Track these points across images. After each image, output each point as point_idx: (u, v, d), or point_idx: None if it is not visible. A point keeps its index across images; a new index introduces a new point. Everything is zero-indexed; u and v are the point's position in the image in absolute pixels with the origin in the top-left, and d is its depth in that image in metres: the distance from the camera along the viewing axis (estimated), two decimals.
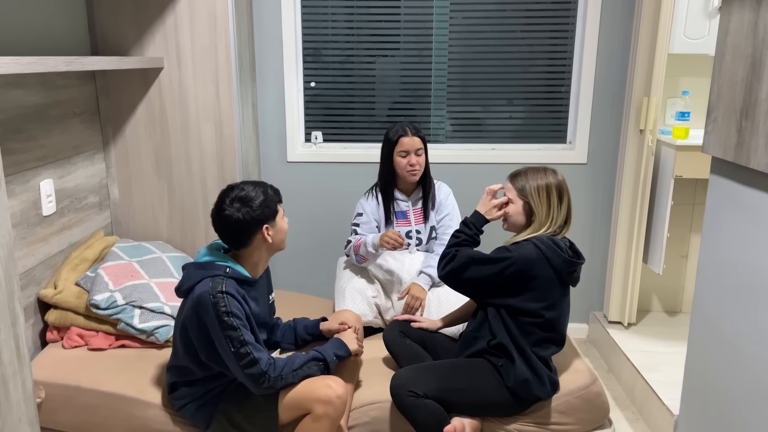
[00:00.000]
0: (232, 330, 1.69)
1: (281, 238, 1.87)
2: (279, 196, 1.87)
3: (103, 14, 2.50)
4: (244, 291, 1.79)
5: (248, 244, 1.82)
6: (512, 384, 1.88)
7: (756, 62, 1.36)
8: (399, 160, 2.45)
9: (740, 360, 1.47)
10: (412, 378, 1.87)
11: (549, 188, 1.94)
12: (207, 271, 1.76)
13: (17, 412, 1.45)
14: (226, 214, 1.76)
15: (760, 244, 1.39)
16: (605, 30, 2.93)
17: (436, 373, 1.91)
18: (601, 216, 3.15)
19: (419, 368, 1.94)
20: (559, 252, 1.86)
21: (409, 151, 2.43)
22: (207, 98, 2.56)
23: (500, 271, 1.86)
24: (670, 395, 2.36)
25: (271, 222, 1.82)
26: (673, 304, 3.26)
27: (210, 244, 1.88)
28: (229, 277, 1.76)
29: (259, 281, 1.90)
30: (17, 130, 2.04)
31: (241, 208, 1.76)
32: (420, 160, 2.46)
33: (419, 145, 2.44)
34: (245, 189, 1.79)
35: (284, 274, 3.23)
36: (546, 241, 1.88)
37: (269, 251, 1.88)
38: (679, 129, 2.72)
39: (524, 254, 1.85)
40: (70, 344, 2.18)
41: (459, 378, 1.91)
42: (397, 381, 1.88)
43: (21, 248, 2.08)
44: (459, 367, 1.95)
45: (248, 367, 1.71)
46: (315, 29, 3.02)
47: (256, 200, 1.78)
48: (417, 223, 2.55)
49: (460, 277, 1.94)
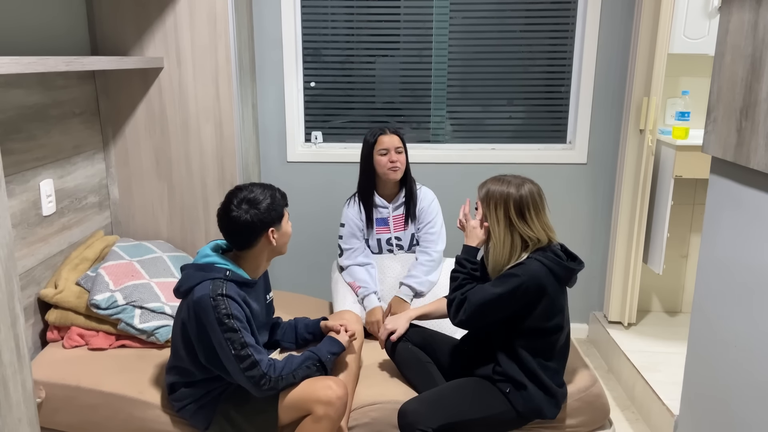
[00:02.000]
0: (232, 332, 1.69)
1: (285, 242, 1.87)
2: (286, 200, 1.88)
3: (103, 14, 2.50)
4: (244, 293, 1.79)
5: (252, 246, 1.82)
6: (523, 410, 1.84)
7: (756, 62, 1.36)
8: (379, 159, 2.44)
9: (740, 360, 1.47)
10: (420, 414, 1.80)
11: (507, 202, 1.80)
12: (207, 273, 1.76)
13: (17, 412, 1.45)
14: (234, 215, 1.76)
15: (760, 243, 1.38)
16: (605, 30, 2.93)
17: (443, 406, 1.84)
18: (601, 216, 3.15)
19: (426, 400, 1.87)
20: (560, 261, 1.82)
21: (388, 149, 2.42)
22: (207, 98, 2.56)
23: (516, 298, 1.78)
24: (670, 395, 2.36)
25: (277, 225, 1.82)
26: (673, 304, 3.26)
27: (210, 244, 1.88)
28: (230, 280, 1.76)
29: (258, 282, 1.90)
30: (17, 130, 2.04)
31: (249, 209, 1.76)
32: (401, 157, 2.44)
33: (398, 143, 2.43)
34: (254, 191, 1.79)
35: (283, 274, 3.23)
36: (545, 253, 1.82)
37: (271, 254, 1.88)
38: (679, 129, 2.72)
39: (533, 273, 1.77)
40: (70, 344, 2.18)
41: (468, 407, 1.84)
42: (404, 419, 1.82)
43: (21, 248, 2.08)
44: (466, 395, 1.88)
45: (249, 369, 1.71)
46: (315, 29, 3.02)
47: (263, 203, 1.78)
48: (397, 230, 2.53)
49: (479, 325, 1.88)
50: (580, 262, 1.88)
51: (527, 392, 1.84)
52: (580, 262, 1.87)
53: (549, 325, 1.83)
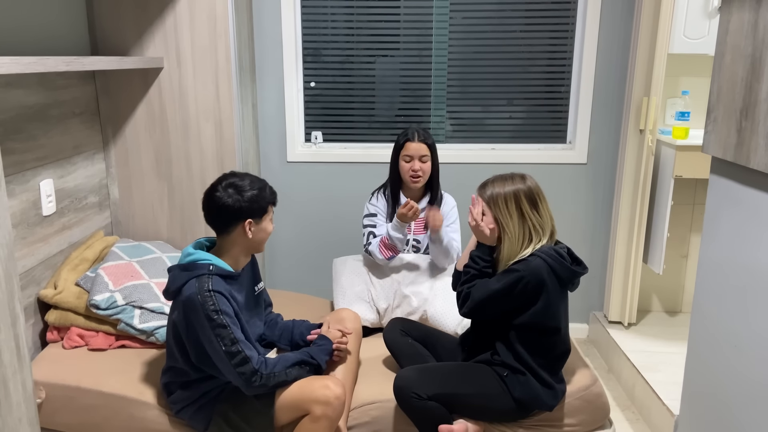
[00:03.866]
0: (221, 328, 1.69)
1: (262, 239, 1.87)
2: (274, 198, 1.88)
3: (103, 14, 2.50)
4: (229, 286, 1.79)
5: (228, 232, 1.82)
6: (520, 396, 1.87)
7: (756, 62, 1.36)
8: (403, 164, 2.44)
9: (740, 360, 1.47)
10: (416, 379, 1.86)
11: (517, 196, 1.85)
12: (191, 272, 1.76)
13: (17, 412, 1.44)
14: (216, 195, 1.79)
15: (760, 243, 1.38)
16: (605, 30, 2.93)
17: (440, 376, 1.90)
18: (601, 216, 3.15)
19: (423, 369, 1.92)
20: (563, 262, 1.83)
21: (413, 156, 2.41)
22: (207, 98, 2.56)
23: (515, 293, 1.82)
24: (670, 395, 2.36)
25: (256, 219, 1.82)
26: (673, 304, 3.26)
27: (193, 243, 1.88)
28: (214, 274, 1.76)
29: (241, 273, 1.90)
30: (17, 130, 2.04)
31: (233, 194, 1.78)
32: (424, 167, 2.42)
33: (424, 151, 2.41)
34: (244, 180, 1.81)
35: (283, 273, 3.23)
36: (549, 251, 1.83)
37: (247, 247, 1.87)
38: (679, 129, 2.72)
39: (534, 269, 1.80)
40: (70, 344, 2.18)
41: (463, 382, 1.89)
42: (400, 382, 1.87)
43: (21, 248, 2.08)
44: (463, 372, 1.94)
45: (240, 365, 1.70)
46: (315, 29, 3.02)
47: (248, 192, 1.79)
48: (417, 232, 2.53)
49: (482, 318, 1.94)
50: (585, 267, 1.89)
51: (525, 378, 1.87)
52: (584, 267, 1.89)
53: (547, 324, 1.85)
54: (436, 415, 1.84)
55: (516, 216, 1.85)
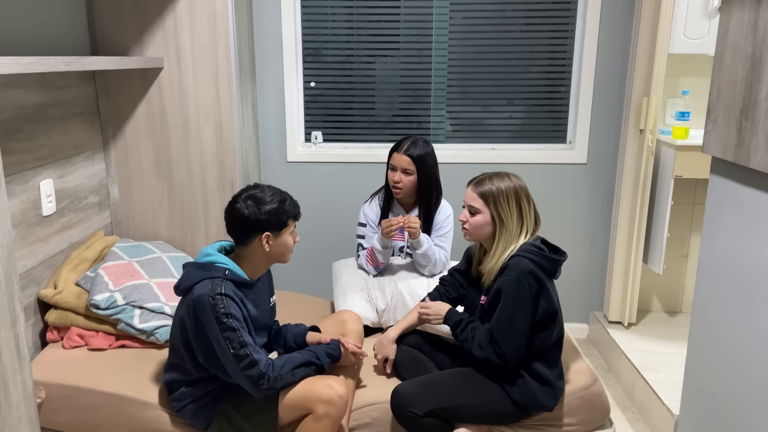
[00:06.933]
0: (231, 331, 1.70)
1: (281, 251, 1.86)
2: (296, 211, 1.86)
3: (103, 14, 2.50)
4: (242, 294, 1.79)
5: (246, 244, 1.82)
6: (518, 399, 1.86)
7: (756, 62, 1.36)
8: (389, 172, 2.46)
9: (740, 360, 1.47)
10: (412, 397, 1.83)
11: (517, 192, 1.89)
12: (206, 272, 1.76)
13: (17, 412, 1.45)
14: (236, 207, 1.79)
15: (760, 243, 1.39)
16: (605, 30, 2.94)
17: (437, 391, 1.87)
18: (601, 216, 3.15)
19: (419, 384, 1.89)
20: (544, 254, 1.85)
21: (396, 167, 2.42)
22: (207, 98, 2.56)
23: (527, 299, 1.82)
24: (670, 395, 2.36)
25: (275, 232, 1.81)
26: (673, 304, 3.26)
27: (215, 244, 1.88)
28: (228, 279, 1.76)
29: (258, 284, 1.90)
30: (17, 130, 2.04)
31: (251, 206, 1.78)
32: (405, 180, 2.40)
33: (407, 165, 2.38)
34: (264, 192, 1.81)
35: (284, 274, 3.23)
36: (528, 248, 1.85)
37: (268, 259, 1.87)
38: (679, 129, 2.72)
39: (522, 269, 1.81)
40: (70, 344, 2.18)
41: (461, 393, 1.87)
42: (397, 401, 1.85)
43: (21, 248, 2.08)
44: (460, 381, 1.91)
45: (248, 368, 1.71)
46: (315, 29, 3.02)
47: (267, 205, 1.78)
48: None
49: (523, 348, 1.86)
50: (563, 253, 1.92)
51: (523, 381, 1.86)
52: (563, 253, 1.91)
53: (548, 314, 1.85)
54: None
55: (516, 212, 1.89)
